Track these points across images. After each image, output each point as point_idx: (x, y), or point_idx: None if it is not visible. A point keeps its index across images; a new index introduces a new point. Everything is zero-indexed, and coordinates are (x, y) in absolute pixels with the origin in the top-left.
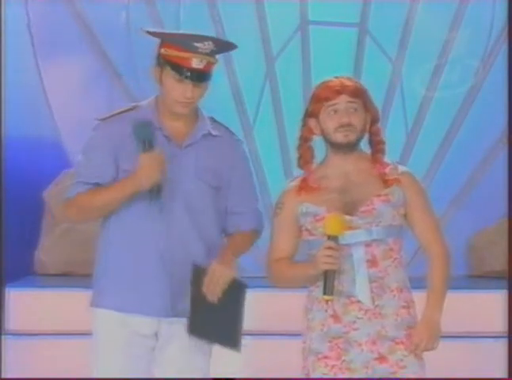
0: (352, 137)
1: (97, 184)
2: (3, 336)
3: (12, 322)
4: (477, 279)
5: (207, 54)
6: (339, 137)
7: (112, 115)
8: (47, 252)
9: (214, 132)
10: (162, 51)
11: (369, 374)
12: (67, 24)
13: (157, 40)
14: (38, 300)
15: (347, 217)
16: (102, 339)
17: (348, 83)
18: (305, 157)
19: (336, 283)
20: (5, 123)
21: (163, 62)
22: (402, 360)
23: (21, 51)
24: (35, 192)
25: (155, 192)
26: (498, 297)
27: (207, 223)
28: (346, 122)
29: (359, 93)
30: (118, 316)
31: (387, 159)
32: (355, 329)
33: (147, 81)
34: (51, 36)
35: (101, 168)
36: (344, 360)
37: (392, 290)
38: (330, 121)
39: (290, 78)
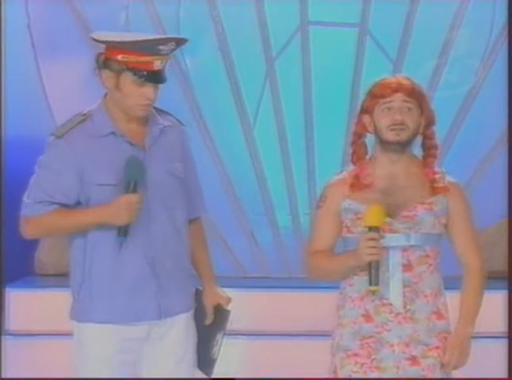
0: (403, 136)
1: (62, 204)
2: (3, 336)
3: (12, 322)
4: None
5: (167, 54)
6: (391, 135)
7: (69, 129)
8: (47, 253)
9: (166, 123)
10: (119, 57)
11: (399, 375)
12: (67, 24)
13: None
14: (38, 300)
15: (387, 219)
16: (91, 353)
17: (405, 82)
18: (358, 154)
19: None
20: (5, 123)
21: (119, 67)
22: (434, 365)
23: (21, 51)
24: None
25: (122, 231)
26: (498, 297)
27: (180, 217)
28: (399, 120)
29: (415, 94)
30: (108, 327)
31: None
32: (388, 330)
33: None
34: (51, 36)
35: (67, 186)
36: (374, 359)
37: (426, 296)
38: (383, 118)
39: (290, 78)
